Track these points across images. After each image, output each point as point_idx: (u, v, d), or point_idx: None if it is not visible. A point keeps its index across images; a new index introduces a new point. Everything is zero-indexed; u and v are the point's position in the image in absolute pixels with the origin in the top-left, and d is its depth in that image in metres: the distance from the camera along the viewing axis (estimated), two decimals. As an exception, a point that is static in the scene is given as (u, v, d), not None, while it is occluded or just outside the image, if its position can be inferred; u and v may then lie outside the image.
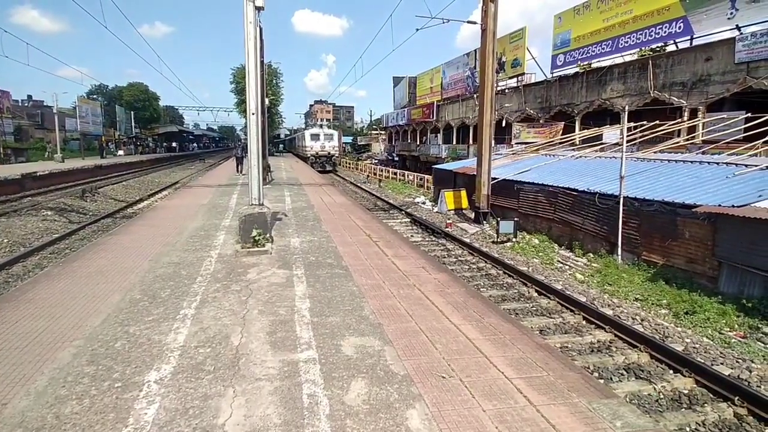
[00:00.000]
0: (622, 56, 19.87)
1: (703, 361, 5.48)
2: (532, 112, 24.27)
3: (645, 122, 15.43)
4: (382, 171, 34.00)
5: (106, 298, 5.01)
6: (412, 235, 13.07)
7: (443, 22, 16.45)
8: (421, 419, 2.88)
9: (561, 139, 19.63)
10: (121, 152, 50.03)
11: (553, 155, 16.22)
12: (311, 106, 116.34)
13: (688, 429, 4.37)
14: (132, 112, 59.56)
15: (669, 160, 11.54)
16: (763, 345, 6.07)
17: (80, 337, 4.00)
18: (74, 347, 3.81)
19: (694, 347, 6.02)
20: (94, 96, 61.17)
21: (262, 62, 18.20)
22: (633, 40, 19.15)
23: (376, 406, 3.02)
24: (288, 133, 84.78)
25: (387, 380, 3.35)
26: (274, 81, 49.89)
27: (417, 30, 17.05)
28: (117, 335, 4.06)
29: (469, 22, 16.62)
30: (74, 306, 4.79)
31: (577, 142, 18.82)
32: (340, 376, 3.39)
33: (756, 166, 9.28)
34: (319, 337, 4.07)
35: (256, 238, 7.27)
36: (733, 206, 7.44)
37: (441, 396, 3.15)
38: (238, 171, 23.73)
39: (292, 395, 3.12)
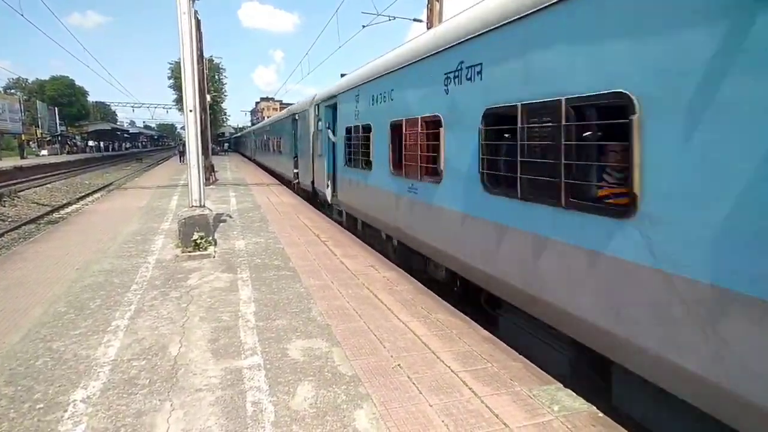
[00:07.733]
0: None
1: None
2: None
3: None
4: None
5: (26, 312, 4.56)
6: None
7: (389, 20, 16.54)
8: (369, 419, 2.87)
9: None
10: (44, 152, 46.00)
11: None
12: (257, 103, 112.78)
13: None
14: (56, 108, 54.82)
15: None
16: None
17: (-6, 358, 3.62)
18: (-13, 369, 3.44)
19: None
20: (12, 91, 55.71)
21: (201, 57, 17.37)
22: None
23: (324, 409, 2.97)
24: (234, 131, 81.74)
25: (335, 382, 3.31)
26: (216, 76, 47.97)
27: (363, 27, 17.00)
28: (38, 352, 3.71)
29: (414, 20, 16.83)
30: (-13, 323, 4.32)
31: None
32: (287, 381, 3.31)
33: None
34: (264, 342, 3.95)
35: (198, 241, 6.94)
36: None
37: (389, 394, 3.16)
38: (181, 162, 28.37)
39: (235, 404, 3.00)
